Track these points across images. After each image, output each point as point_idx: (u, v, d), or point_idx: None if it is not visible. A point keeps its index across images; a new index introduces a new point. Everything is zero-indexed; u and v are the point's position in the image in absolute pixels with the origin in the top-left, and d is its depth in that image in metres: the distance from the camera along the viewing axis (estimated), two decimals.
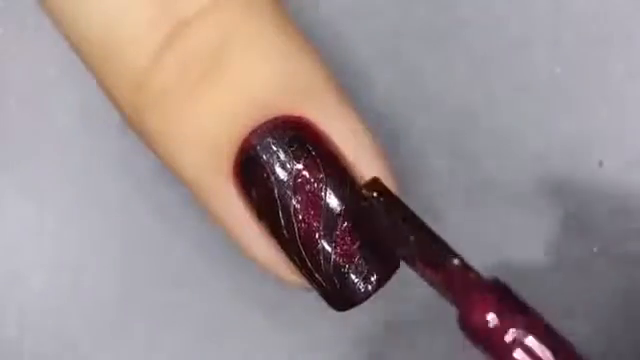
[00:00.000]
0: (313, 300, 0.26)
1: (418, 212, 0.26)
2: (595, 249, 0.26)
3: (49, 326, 0.26)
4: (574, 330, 0.27)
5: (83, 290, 0.26)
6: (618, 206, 0.26)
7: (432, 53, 0.26)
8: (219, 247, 0.26)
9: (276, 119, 0.21)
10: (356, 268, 0.21)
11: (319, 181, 0.21)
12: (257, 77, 0.21)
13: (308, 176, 0.21)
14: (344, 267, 0.21)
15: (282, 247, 0.21)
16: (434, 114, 0.26)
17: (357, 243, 0.21)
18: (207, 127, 0.21)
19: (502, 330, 0.18)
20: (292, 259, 0.21)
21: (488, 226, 0.27)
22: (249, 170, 0.21)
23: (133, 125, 0.22)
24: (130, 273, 0.26)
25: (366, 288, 0.21)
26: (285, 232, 0.21)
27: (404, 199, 0.26)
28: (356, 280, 0.21)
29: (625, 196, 0.26)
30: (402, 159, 0.26)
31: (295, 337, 0.26)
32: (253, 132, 0.21)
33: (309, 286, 0.22)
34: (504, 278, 0.26)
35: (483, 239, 0.27)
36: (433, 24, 0.26)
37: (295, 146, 0.21)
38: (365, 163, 0.22)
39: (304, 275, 0.22)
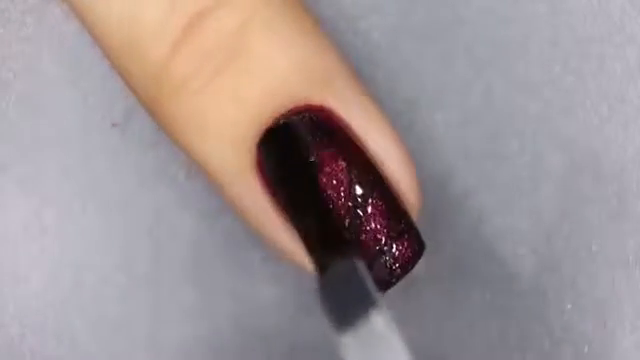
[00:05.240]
0: (313, 299, 0.26)
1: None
2: (594, 248, 0.26)
3: (50, 325, 0.26)
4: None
5: (83, 289, 0.26)
6: (618, 206, 0.26)
7: (432, 53, 0.26)
8: (219, 246, 0.26)
9: (298, 107, 0.21)
10: (380, 257, 0.21)
11: (343, 169, 0.21)
12: (277, 65, 0.21)
13: (332, 164, 0.21)
14: (370, 256, 0.21)
15: (304, 236, 0.21)
16: (433, 114, 0.26)
17: (381, 231, 0.21)
18: (228, 116, 0.21)
19: None
20: (314, 248, 0.21)
21: (488, 226, 0.27)
22: (272, 156, 0.21)
23: (153, 115, 0.22)
24: (130, 272, 0.26)
25: (390, 277, 0.21)
26: (308, 221, 0.21)
27: None
28: (380, 269, 0.21)
29: (625, 196, 0.26)
30: None
31: (295, 336, 0.26)
32: (275, 120, 0.21)
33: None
34: (501, 277, 0.27)
35: (482, 238, 0.27)
36: (433, 23, 0.26)
37: (317, 134, 0.21)
38: (384, 149, 0.21)
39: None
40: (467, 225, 0.27)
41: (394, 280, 0.21)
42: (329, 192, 0.21)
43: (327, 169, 0.21)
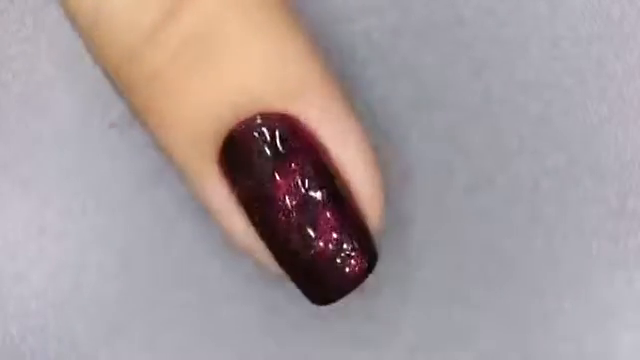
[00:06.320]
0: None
1: (417, 212, 0.26)
2: (594, 247, 0.26)
3: (50, 325, 0.26)
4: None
5: (84, 289, 0.26)
6: (618, 206, 0.26)
7: (431, 53, 0.26)
8: (219, 247, 0.26)
9: (263, 112, 0.21)
10: (336, 263, 0.21)
11: (301, 175, 0.21)
12: (249, 69, 0.21)
13: (290, 170, 0.21)
14: (324, 261, 0.21)
15: (262, 236, 0.21)
16: (433, 114, 0.26)
17: (338, 238, 0.21)
18: (194, 113, 0.21)
19: None
20: (271, 249, 0.21)
21: (488, 225, 0.27)
22: (233, 159, 0.21)
23: (123, 98, 0.22)
24: (130, 273, 0.26)
25: (346, 283, 0.21)
26: (265, 222, 0.21)
27: (402, 199, 0.26)
28: (336, 274, 0.21)
29: (625, 196, 0.26)
30: (401, 159, 0.26)
31: (295, 337, 0.26)
32: (239, 123, 0.21)
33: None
34: (503, 277, 0.27)
35: (482, 238, 0.27)
36: (433, 24, 0.26)
37: (279, 140, 0.21)
38: (348, 160, 0.21)
39: (282, 266, 0.22)
40: (467, 225, 0.27)
41: (343, 292, 0.21)
42: (283, 199, 0.21)
43: (287, 175, 0.21)
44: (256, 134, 0.21)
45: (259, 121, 0.21)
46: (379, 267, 0.22)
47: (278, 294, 0.26)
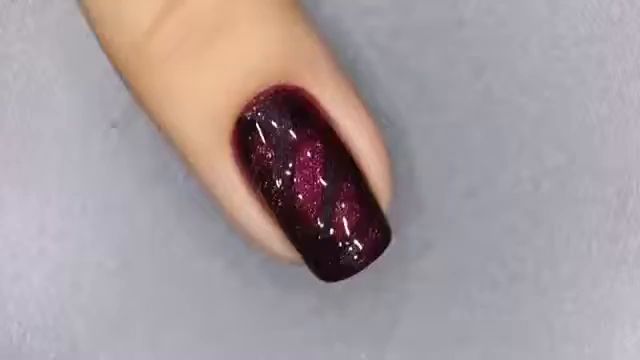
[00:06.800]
0: (313, 299, 0.26)
1: (417, 211, 0.26)
2: (594, 247, 0.26)
3: (50, 325, 0.26)
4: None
5: (83, 289, 0.26)
6: (618, 206, 0.26)
7: (432, 53, 0.26)
8: (219, 246, 0.26)
9: (277, 87, 0.21)
10: (351, 240, 0.21)
11: (317, 152, 0.21)
12: (259, 45, 0.21)
13: (306, 147, 0.21)
14: (339, 239, 0.21)
15: (277, 218, 0.21)
16: (434, 114, 0.26)
17: (353, 215, 0.21)
18: (205, 94, 0.21)
19: None
20: (286, 230, 0.21)
21: (488, 226, 0.27)
22: (247, 138, 0.21)
23: (132, 88, 0.22)
24: (130, 273, 0.26)
25: (359, 260, 0.21)
26: (281, 202, 0.21)
27: (402, 199, 0.26)
28: (350, 252, 0.21)
29: (625, 196, 0.26)
30: (401, 159, 0.26)
31: (295, 335, 0.26)
32: (252, 100, 0.21)
33: (300, 260, 0.22)
34: (503, 277, 0.27)
35: (483, 238, 0.27)
36: (433, 24, 0.26)
37: (295, 116, 0.21)
38: (358, 136, 0.22)
39: (296, 247, 0.22)
40: (467, 225, 0.27)
41: (359, 267, 0.21)
42: (303, 173, 0.21)
43: (305, 150, 0.21)
44: (270, 109, 0.20)
45: (273, 95, 0.21)
46: (379, 265, 0.22)
47: (278, 292, 0.26)
